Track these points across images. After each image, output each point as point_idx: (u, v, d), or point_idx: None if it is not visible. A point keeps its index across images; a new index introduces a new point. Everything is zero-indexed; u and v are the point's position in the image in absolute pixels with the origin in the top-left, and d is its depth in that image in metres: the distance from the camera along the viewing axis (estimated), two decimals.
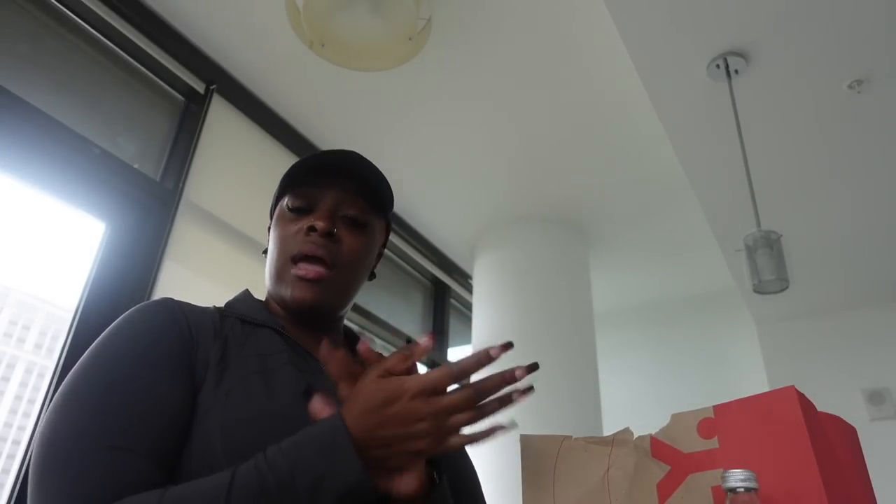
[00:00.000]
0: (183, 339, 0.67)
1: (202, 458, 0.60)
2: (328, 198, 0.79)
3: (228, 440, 0.60)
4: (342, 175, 0.80)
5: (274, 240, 0.80)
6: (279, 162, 2.52)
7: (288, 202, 0.80)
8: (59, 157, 1.77)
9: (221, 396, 0.64)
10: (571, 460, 0.78)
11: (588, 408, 2.83)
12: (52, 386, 1.62)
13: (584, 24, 2.10)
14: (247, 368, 0.68)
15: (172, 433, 0.60)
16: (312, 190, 0.79)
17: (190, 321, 0.69)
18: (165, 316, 0.68)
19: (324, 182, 0.80)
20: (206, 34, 2.19)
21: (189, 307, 0.73)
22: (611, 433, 0.78)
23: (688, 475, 0.70)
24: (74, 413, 0.59)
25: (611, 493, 0.73)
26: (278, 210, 0.82)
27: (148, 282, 1.86)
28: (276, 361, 0.70)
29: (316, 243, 0.76)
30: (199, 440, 0.62)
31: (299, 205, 0.79)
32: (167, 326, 0.67)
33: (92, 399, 0.59)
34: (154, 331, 0.66)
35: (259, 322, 0.75)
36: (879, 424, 3.02)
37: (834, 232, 2.77)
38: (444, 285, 3.63)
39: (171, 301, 0.72)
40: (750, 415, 0.70)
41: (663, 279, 3.78)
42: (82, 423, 0.58)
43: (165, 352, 0.65)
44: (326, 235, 0.76)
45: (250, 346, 0.71)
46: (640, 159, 2.75)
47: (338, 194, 0.79)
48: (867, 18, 1.74)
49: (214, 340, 0.69)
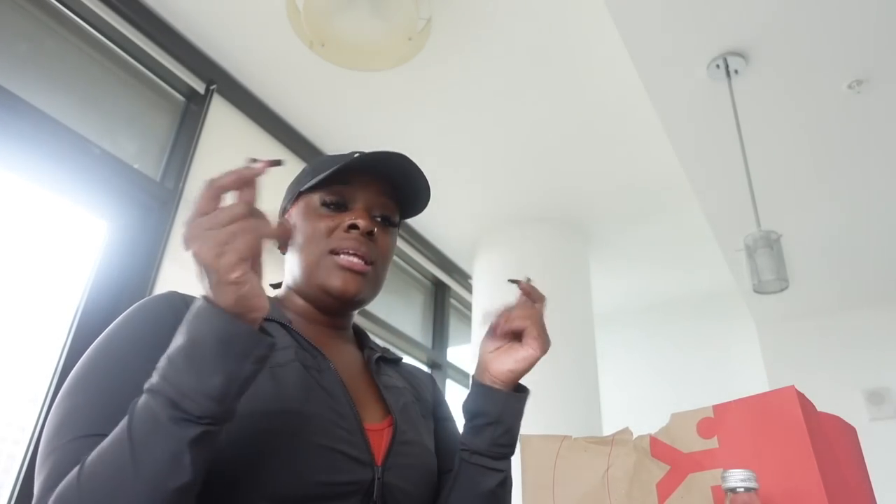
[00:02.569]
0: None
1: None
2: (364, 197, 0.80)
3: (234, 433, 0.60)
4: (374, 176, 0.82)
5: (305, 234, 0.80)
6: None
7: (322, 198, 0.80)
8: (59, 157, 1.77)
9: None
10: (571, 460, 0.78)
11: (588, 408, 2.84)
12: (53, 386, 1.62)
13: (584, 25, 2.10)
14: None
15: None
16: (346, 188, 0.80)
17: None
18: (167, 310, 0.68)
19: (357, 181, 0.81)
20: (206, 34, 2.19)
21: (193, 300, 0.72)
22: (611, 433, 0.78)
23: (687, 475, 0.70)
24: (61, 410, 0.60)
25: (610, 492, 0.73)
26: (305, 205, 0.82)
27: (148, 281, 1.86)
28: (282, 357, 0.70)
29: (358, 241, 0.77)
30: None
31: (335, 200, 0.80)
32: (168, 321, 0.66)
33: (84, 395, 0.61)
34: (153, 326, 0.66)
35: (266, 317, 0.75)
36: (879, 424, 3.02)
37: (834, 232, 2.77)
38: (444, 285, 3.63)
39: (175, 295, 0.71)
40: (750, 415, 0.70)
41: (663, 279, 3.78)
42: (66, 418, 0.59)
43: (163, 345, 0.65)
44: (367, 234, 0.78)
45: None
46: (640, 159, 2.75)
47: (372, 194, 0.81)
48: (867, 18, 1.74)
49: None
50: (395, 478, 0.69)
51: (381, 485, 0.67)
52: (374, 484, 0.67)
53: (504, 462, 0.74)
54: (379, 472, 0.68)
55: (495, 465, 0.74)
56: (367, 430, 0.70)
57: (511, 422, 0.75)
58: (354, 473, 0.65)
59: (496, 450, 0.74)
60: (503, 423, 0.74)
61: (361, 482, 0.66)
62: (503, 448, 0.74)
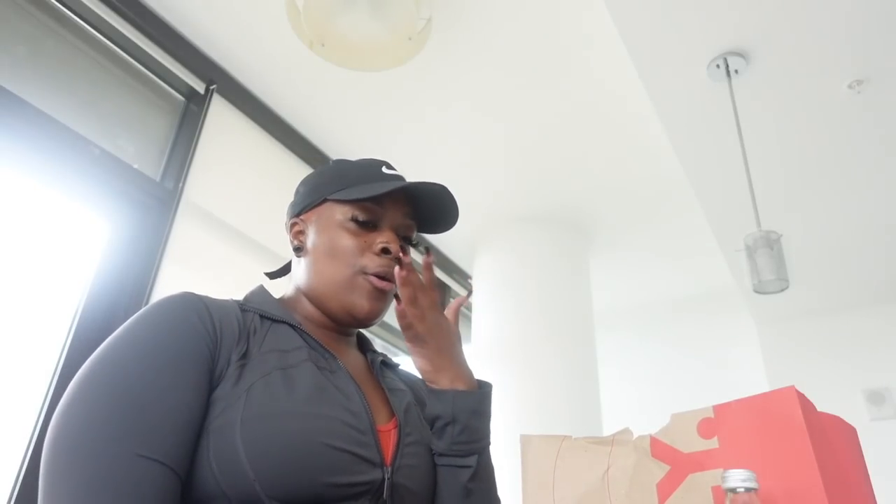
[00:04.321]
0: (207, 336, 0.66)
1: (221, 453, 0.61)
2: (391, 218, 0.82)
3: (247, 434, 0.61)
4: (413, 200, 0.84)
5: (329, 246, 0.79)
6: (279, 162, 2.52)
7: (355, 214, 0.80)
8: (59, 157, 1.77)
9: (242, 392, 0.64)
10: (571, 460, 0.78)
11: (588, 408, 2.83)
12: (53, 385, 1.62)
13: (584, 25, 2.10)
14: (267, 364, 0.68)
15: (188, 438, 0.61)
16: (377, 207, 0.81)
17: (213, 317, 0.69)
18: (189, 312, 0.67)
19: (393, 200, 0.82)
20: (206, 34, 2.19)
21: (212, 302, 0.72)
22: (611, 433, 0.78)
23: (688, 475, 0.70)
24: (96, 410, 0.58)
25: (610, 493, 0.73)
26: (333, 214, 0.81)
27: (148, 282, 1.86)
28: (295, 358, 0.70)
29: (390, 265, 0.78)
30: (217, 435, 0.62)
31: (367, 218, 0.80)
32: (191, 323, 0.66)
33: (113, 399, 0.59)
34: (177, 328, 0.65)
35: (277, 318, 0.76)
36: (879, 424, 3.02)
37: (834, 232, 2.77)
38: (443, 285, 3.63)
39: (193, 296, 0.71)
40: (750, 415, 0.70)
41: (663, 279, 3.78)
42: (103, 424, 0.57)
43: (188, 351, 0.64)
44: (396, 260, 0.79)
45: (269, 341, 0.72)
46: (640, 159, 2.75)
47: (403, 216, 0.83)
48: (867, 18, 1.74)
49: (239, 336, 0.70)
50: (403, 478, 0.70)
51: (390, 485, 0.68)
52: (384, 484, 0.68)
53: (471, 458, 0.75)
54: (388, 473, 0.68)
55: (462, 462, 0.74)
56: (378, 431, 0.70)
57: (466, 420, 0.75)
58: (366, 474, 0.66)
59: (458, 448, 0.74)
60: (459, 421, 0.75)
61: (372, 482, 0.66)
62: (464, 446, 0.75)
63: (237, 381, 0.65)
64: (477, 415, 0.76)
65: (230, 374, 0.65)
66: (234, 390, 0.64)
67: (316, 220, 0.82)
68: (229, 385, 0.65)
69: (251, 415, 0.62)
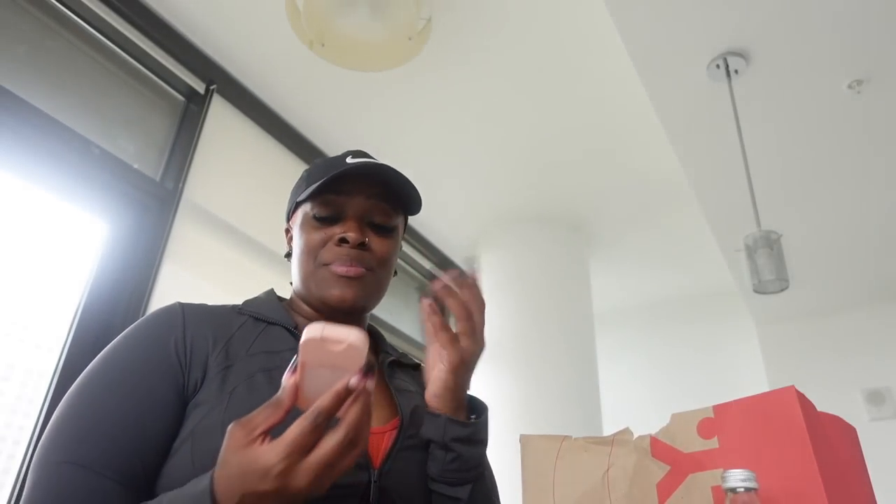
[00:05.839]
0: (174, 351, 0.69)
1: (202, 455, 0.62)
2: (355, 206, 0.80)
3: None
4: (365, 181, 0.81)
5: (300, 246, 0.81)
6: (279, 162, 2.52)
7: (314, 211, 0.80)
8: (59, 157, 1.77)
9: (225, 396, 0.66)
10: (571, 460, 0.78)
11: (588, 408, 2.83)
12: (53, 386, 1.62)
13: (584, 25, 2.10)
14: (253, 366, 0.69)
15: (131, 445, 0.63)
16: (337, 198, 0.80)
17: (187, 331, 0.71)
18: (163, 328, 0.71)
19: (348, 189, 0.80)
20: (206, 34, 2.19)
21: (194, 312, 0.74)
22: (611, 433, 0.78)
23: (688, 475, 0.70)
24: (54, 422, 0.64)
25: (610, 493, 0.73)
26: (302, 216, 0.82)
27: (147, 282, 1.86)
28: (282, 359, 0.71)
29: (349, 255, 0.77)
30: (200, 437, 0.63)
31: (326, 214, 0.79)
32: (161, 340, 0.70)
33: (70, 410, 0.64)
34: (143, 344, 0.69)
35: (272, 320, 0.77)
36: (879, 424, 3.02)
37: (834, 232, 2.77)
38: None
39: (176, 308, 0.74)
40: (750, 415, 0.70)
41: (663, 279, 3.78)
42: (52, 433, 0.63)
43: (153, 365, 0.68)
44: (358, 246, 0.77)
45: (259, 343, 0.73)
46: (639, 159, 2.75)
47: (364, 202, 0.80)
48: (867, 18, 1.74)
49: (215, 343, 0.71)
50: (394, 482, 0.68)
51: (377, 488, 0.67)
52: (371, 487, 0.66)
53: (461, 489, 0.70)
54: (375, 476, 0.67)
55: (451, 492, 0.70)
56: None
57: (459, 449, 0.70)
58: (350, 476, 0.64)
59: (448, 476, 0.70)
60: (452, 450, 0.70)
61: (357, 485, 0.65)
62: (456, 474, 0.70)
63: (221, 384, 0.67)
64: (474, 445, 0.72)
65: (211, 378, 0.67)
66: (218, 393, 0.66)
67: (294, 225, 0.84)
68: (213, 389, 0.67)
69: (232, 417, 0.62)
